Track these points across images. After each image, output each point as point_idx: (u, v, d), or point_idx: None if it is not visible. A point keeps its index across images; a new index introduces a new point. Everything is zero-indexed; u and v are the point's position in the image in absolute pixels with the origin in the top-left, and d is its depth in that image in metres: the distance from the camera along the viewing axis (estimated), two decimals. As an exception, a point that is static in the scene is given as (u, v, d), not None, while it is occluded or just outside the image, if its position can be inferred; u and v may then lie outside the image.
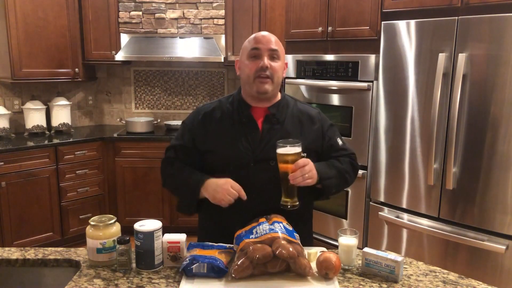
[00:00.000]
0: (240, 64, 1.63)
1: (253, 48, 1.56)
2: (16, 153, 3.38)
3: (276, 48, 1.56)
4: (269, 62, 1.54)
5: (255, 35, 1.60)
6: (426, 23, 2.54)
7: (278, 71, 1.57)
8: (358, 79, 2.97)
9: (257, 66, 1.54)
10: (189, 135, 1.65)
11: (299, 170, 1.43)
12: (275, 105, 1.63)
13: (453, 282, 1.38)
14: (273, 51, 1.56)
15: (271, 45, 1.56)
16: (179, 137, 1.69)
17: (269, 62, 1.54)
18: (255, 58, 1.56)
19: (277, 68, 1.57)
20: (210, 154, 1.60)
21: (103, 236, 1.42)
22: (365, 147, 2.99)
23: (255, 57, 1.56)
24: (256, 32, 1.77)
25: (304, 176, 1.44)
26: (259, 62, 1.54)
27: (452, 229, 2.53)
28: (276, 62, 1.57)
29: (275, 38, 1.60)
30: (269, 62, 1.54)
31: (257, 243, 1.34)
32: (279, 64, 1.58)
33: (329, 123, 1.71)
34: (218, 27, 3.98)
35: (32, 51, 3.69)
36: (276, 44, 1.58)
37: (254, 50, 1.56)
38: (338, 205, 3.18)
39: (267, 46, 1.55)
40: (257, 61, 1.55)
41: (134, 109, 4.54)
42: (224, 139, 1.59)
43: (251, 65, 1.56)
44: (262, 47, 1.55)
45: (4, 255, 1.53)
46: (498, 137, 2.31)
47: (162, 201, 3.92)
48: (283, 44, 1.65)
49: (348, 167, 1.66)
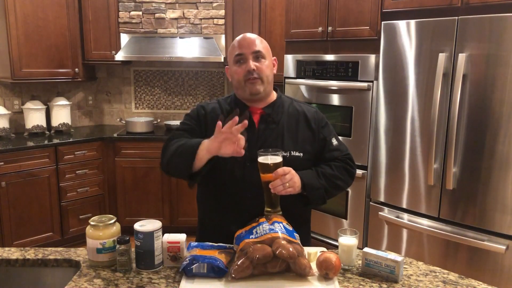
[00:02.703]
0: (230, 70, 1.65)
1: (237, 54, 1.58)
2: (16, 153, 3.38)
3: (259, 49, 1.57)
4: (254, 64, 1.56)
5: (237, 40, 1.61)
6: (426, 23, 2.54)
7: (266, 70, 1.58)
8: (358, 79, 2.97)
9: (245, 70, 1.56)
10: (195, 122, 1.66)
11: (279, 178, 1.42)
12: (270, 105, 1.64)
13: (453, 282, 1.38)
14: (256, 52, 1.57)
15: (254, 47, 1.57)
16: (184, 123, 1.67)
17: (254, 64, 1.56)
18: (240, 63, 1.58)
19: (263, 68, 1.57)
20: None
21: (103, 236, 1.42)
22: (365, 147, 2.98)
23: (240, 62, 1.58)
24: (256, 32, 1.77)
25: (285, 185, 1.42)
26: (245, 66, 1.56)
27: (452, 229, 2.53)
28: (262, 62, 1.58)
29: (256, 37, 1.60)
30: (254, 64, 1.56)
31: (257, 243, 1.34)
32: (266, 63, 1.59)
33: (325, 122, 1.70)
34: (218, 27, 3.98)
35: (32, 51, 3.68)
36: (259, 45, 1.58)
37: (238, 56, 1.58)
38: (338, 205, 3.18)
39: (250, 49, 1.57)
40: (243, 65, 1.57)
41: (134, 109, 4.54)
42: None
43: (239, 70, 1.58)
44: (245, 51, 1.57)
45: (4, 255, 1.53)
46: (498, 137, 2.31)
47: (162, 201, 3.92)
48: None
49: (340, 172, 1.63)
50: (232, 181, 1.58)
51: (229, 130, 1.37)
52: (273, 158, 1.44)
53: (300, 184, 1.49)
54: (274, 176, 1.42)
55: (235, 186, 1.58)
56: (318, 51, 3.26)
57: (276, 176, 1.42)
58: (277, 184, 1.42)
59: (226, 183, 1.60)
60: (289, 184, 1.44)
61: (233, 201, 1.59)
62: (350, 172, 1.68)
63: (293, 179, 1.46)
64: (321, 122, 1.68)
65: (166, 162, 1.59)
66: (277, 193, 1.44)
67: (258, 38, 1.60)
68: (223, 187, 1.61)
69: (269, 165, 1.44)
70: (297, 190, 1.48)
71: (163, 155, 1.61)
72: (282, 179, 1.42)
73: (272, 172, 1.42)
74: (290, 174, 1.45)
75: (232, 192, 1.59)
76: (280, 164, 1.45)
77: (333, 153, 1.65)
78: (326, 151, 1.65)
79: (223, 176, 1.59)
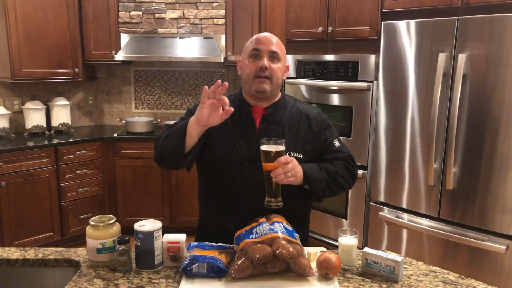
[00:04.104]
0: (242, 64, 1.64)
1: (254, 48, 1.57)
2: (16, 153, 3.38)
3: (276, 50, 1.57)
4: (268, 63, 1.55)
5: (257, 35, 1.61)
6: (426, 23, 2.54)
7: (278, 72, 1.58)
8: (358, 79, 2.97)
9: (257, 66, 1.55)
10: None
11: (281, 167, 1.41)
12: (273, 105, 1.63)
13: (453, 282, 1.38)
14: (273, 53, 1.56)
15: (271, 47, 1.56)
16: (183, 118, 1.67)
17: (268, 63, 1.55)
18: (255, 58, 1.57)
19: (276, 70, 1.57)
20: (206, 148, 1.59)
21: (103, 236, 1.42)
22: (365, 147, 2.99)
23: (255, 57, 1.57)
24: (256, 32, 1.77)
25: (287, 174, 1.41)
26: (259, 62, 1.55)
27: (452, 229, 2.53)
28: (276, 64, 1.57)
29: (276, 39, 1.60)
30: (268, 63, 1.55)
31: (257, 243, 1.34)
32: (278, 66, 1.58)
33: (328, 123, 1.69)
34: (218, 27, 3.98)
35: (32, 51, 3.69)
36: (277, 46, 1.58)
37: (254, 51, 1.57)
38: (338, 205, 3.18)
39: (268, 47, 1.56)
40: (257, 62, 1.56)
41: (134, 109, 4.54)
42: (221, 135, 1.60)
43: (251, 65, 1.57)
44: (263, 48, 1.56)
45: (4, 255, 1.53)
46: (498, 137, 2.31)
47: (162, 201, 3.92)
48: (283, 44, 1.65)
49: (342, 170, 1.62)
50: (230, 180, 1.58)
51: (212, 95, 1.41)
52: (275, 146, 1.43)
53: (302, 174, 1.48)
54: (276, 165, 1.41)
55: (233, 185, 1.58)
56: (318, 51, 3.26)
57: (278, 164, 1.41)
58: (279, 172, 1.40)
59: (224, 181, 1.60)
60: (291, 173, 1.42)
61: (231, 200, 1.59)
62: (352, 173, 1.67)
63: (295, 169, 1.44)
64: (324, 123, 1.67)
65: (159, 151, 1.58)
66: (279, 182, 1.42)
67: (277, 40, 1.60)
68: (221, 186, 1.61)
69: (272, 153, 1.42)
70: (298, 180, 1.47)
71: (156, 146, 1.61)
72: (284, 167, 1.41)
73: (274, 161, 1.41)
74: (292, 163, 1.43)
75: (230, 191, 1.59)
76: (283, 153, 1.44)
77: (335, 154, 1.65)
78: (327, 153, 1.65)
79: (221, 175, 1.59)
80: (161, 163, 1.62)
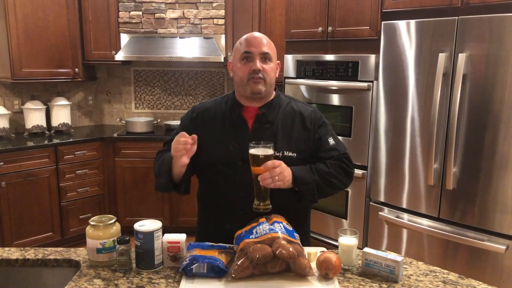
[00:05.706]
0: (233, 66, 1.64)
1: (245, 51, 1.57)
2: (16, 153, 3.38)
3: (267, 51, 1.57)
4: (261, 64, 1.55)
5: (246, 37, 1.60)
6: (426, 23, 2.54)
7: (270, 73, 1.58)
8: (358, 79, 2.97)
9: (250, 68, 1.55)
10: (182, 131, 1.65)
11: (268, 171, 1.40)
12: (266, 105, 1.63)
13: (453, 282, 1.38)
14: (265, 54, 1.56)
15: (263, 48, 1.56)
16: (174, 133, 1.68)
17: (261, 64, 1.55)
18: (247, 60, 1.57)
19: (269, 70, 1.57)
20: (200, 151, 1.58)
21: (103, 236, 1.42)
22: (365, 147, 2.99)
23: (247, 60, 1.57)
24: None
25: (274, 178, 1.40)
26: (251, 65, 1.55)
27: (452, 229, 2.53)
28: (268, 64, 1.57)
29: (267, 39, 1.60)
30: (261, 64, 1.55)
31: (257, 243, 1.34)
32: (271, 66, 1.58)
33: (322, 121, 1.67)
34: (218, 27, 3.98)
35: (32, 51, 3.69)
36: (268, 47, 1.58)
37: (246, 54, 1.57)
38: (338, 205, 3.18)
39: (259, 49, 1.56)
40: (249, 64, 1.56)
41: (134, 109, 4.54)
42: (214, 137, 1.60)
43: (244, 68, 1.57)
44: (254, 51, 1.55)
45: (4, 255, 1.53)
46: (498, 137, 2.31)
47: (162, 201, 3.92)
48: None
49: (336, 170, 1.60)
50: (225, 180, 1.58)
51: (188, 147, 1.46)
52: (264, 150, 1.42)
53: (291, 178, 1.47)
54: (264, 169, 1.40)
55: (228, 185, 1.58)
56: (318, 51, 3.26)
57: (266, 168, 1.40)
58: (266, 176, 1.40)
59: (219, 182, 1.60)
60: (279, 177, 1.41)
61: (227, 200, 1.60)
62: (347, 171, 1.64)
63: (283, 173, 1.43)
64: (318, 121, 1.65)
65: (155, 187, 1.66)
66: (266, 186, 1.42)
67: (267, 40, 1.60)
68: (216, 186, 1.62)
69: (260, 157, 1.42)
70: (286, 184, 1.46)
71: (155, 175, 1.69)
72: (272, 172, 1.40)
73: (262, 165, 1.40)
74: (280, 167, 1.42)
75: (225, 191, 1.60)
76: (271, 157, 1.43)
77: (330, 153, 1.62)
78: (322, 151, 1.63)
79: (216, 176, 1.60)
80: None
